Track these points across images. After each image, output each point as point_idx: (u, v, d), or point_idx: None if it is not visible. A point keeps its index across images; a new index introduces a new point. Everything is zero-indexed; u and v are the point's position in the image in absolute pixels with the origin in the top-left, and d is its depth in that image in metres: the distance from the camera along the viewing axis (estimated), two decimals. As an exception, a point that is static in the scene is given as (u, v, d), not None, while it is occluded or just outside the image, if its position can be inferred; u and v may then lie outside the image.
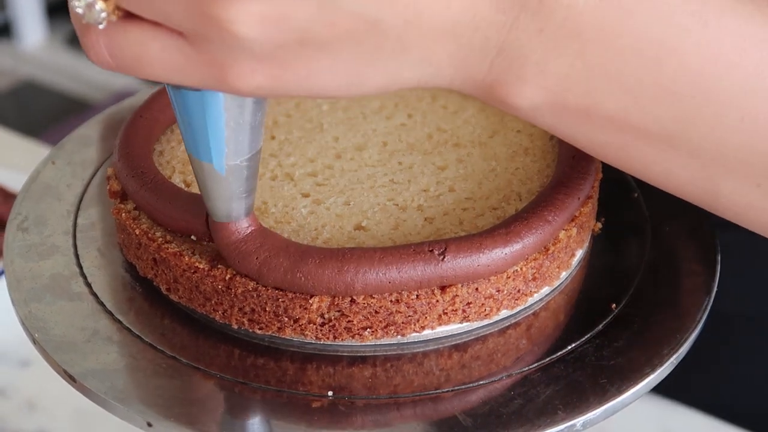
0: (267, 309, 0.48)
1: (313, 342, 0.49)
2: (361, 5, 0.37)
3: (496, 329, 0.51)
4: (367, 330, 0.48)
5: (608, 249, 0.56)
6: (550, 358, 0.49)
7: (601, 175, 0.55)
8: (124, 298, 0.52)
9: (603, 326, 0.51)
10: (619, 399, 0.47)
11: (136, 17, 0.38)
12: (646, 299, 0.53)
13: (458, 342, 0.50)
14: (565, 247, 0.52)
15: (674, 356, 0.49)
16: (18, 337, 0.53)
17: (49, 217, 0.57)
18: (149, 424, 0.45)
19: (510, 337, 0.50)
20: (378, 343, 0.49)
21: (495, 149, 0.58)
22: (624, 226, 0.58)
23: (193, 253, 0.49)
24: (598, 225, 0.57)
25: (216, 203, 0.46)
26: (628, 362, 0.48)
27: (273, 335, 0.49)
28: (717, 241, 0.56)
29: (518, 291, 0.50)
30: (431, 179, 0.55)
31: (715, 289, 0.53)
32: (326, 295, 0.47)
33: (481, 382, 0.48)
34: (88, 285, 0.53)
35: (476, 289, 0.49)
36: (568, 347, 0.50)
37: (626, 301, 0.52)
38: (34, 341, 0.49)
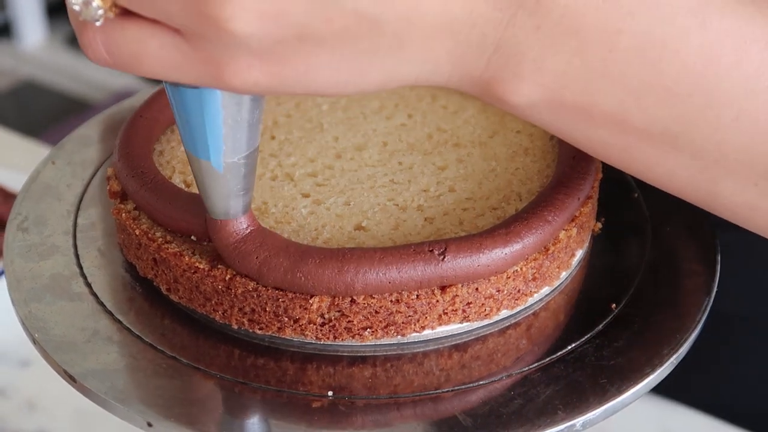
0: (267, 309, 0.48)
1: (313, 342, 0.49)
2: (358, 2, 0.37)
3: (496, 329, 0.51)
4: (367, 330, 0.48)
5: (608, 249, 0.56)
6: (550, 358, 0.49)
7: (601, 175, 0.55)
8: (124, 298, 0.52)
9: (603, 326, 0.51)
10: (619, 399, 0.47)
11: (133, 14, 0.38)
12: (646, 299, 0.53)
13: (458, 342, 0.50)
14: (565, 247, 0.52)
15: (674, 356, 0.49)
16: (18, 337, 0.53)
17: (49, 217, 0.57)
18: (149, 424, 0.45)
19: (510, 337, 0.50)
20: (378, 343, 0.49)
21: (495, 149, 0.58)
22: (624, 226, 0.58)
23: (193, 253, 0.49)
24: (598, 225, 0.57)
25: (214, 201, 0.46)
26: (628, 362, 0.48)
27: (273, 335, 0.49)
28: (717, 241, 0.56)
29: (518, 291, 0.50)
30: (431, 179, 0.55)
31: (715, 289, 0.53)
32: (326, 295, 0.47)
33: (481, 382, 0.48)
34: (88, 285, 0.53)
35: (476, 289, 0.49)
36: (568, 347, 0.50)
37: (626, 301, 0.52)
38: (34, 341, 0.49)
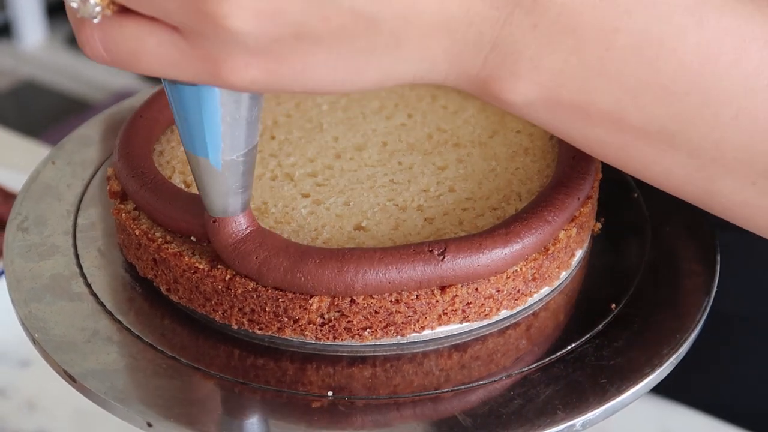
0: (267, 309, 0.48)
1: (313, 342, 0.49)
2: (355, 1, 0.37)
3: (496, 329, 0.51)
4: (367, 330, 0.48)
5: (608, 249, 0.56)
6: (550, 359, 0.49)
7: (600, 175, 0.55)
8: (124, 298, 0.52)
9: (603, 326, 0.51)
10: (618, 399, 0.47)
11: (131, 12, 0.38)
12: (645, 299, 0.53)
13: (458, 342, 0.50)
14: (565, 248, 0.52)
15: (674, 356, 0.49)
16: (18, 337, 0.53)
17: (49, 217, 0.57)
18: (149, 425, 0.45)
19: (510, 338, 0.50)
20: (378, 344, 0.49)
21: (495, 149, 0.58)
22: (624, 226, 0.58)
23: (193, 253, 0.49)
24: (598, 225, 0.57)
25: (212, 198, 0.46)
26: (627, 362, 0.48)
27: (273, 335, 0.49)
28: (717, 241, 0.56)
29: (518, 291, 0.50)
30: (431, 179, 0.55)
31: (715, 289, 0.53)
32: (326, 295, 0.47)
33: (480, 383, 0.48)
34: (88, 285, 0.53)
35: (476, 289, 0.49)
36: (568, 347, 0.50)
37: (626, 301, 0.52)
38: (34, 341, 0.49)
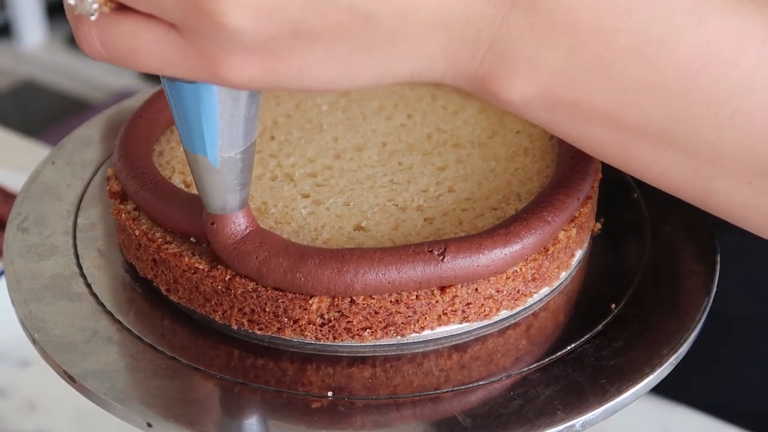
0: (266, 309, 0.48)
1: (313, 342, 0.49)
2: None
3: (496, 330, 0.51)
4: (367, 330, 0.48)
5: (608, 249, 0.56)
6: (550, 359, 0.49)
7: (600, 175, 0.55)
8: (124, 298, 0.52)
9: (602, 326, 0.51)
10: (618, 399, 0.47)
11: (128, 9, 0.38)
12: (645, 299, 0.53)
13: (458, 342, 0.50)
14: (565, 248, 0.52)
15: (674, 356, 0.49)
16: (18, 337, 0.53)
17: (49, 217, 0.57)
18: (149, 425, 0.45)
19: (509, 338, 0.50)
20: (377, 344, 0.49)
21: (495, 150, 0.58)
22: (623, 226, 0.58)
23: (192, 253, 0.49)
24: (598, 225, 0.57)
25: (211, 196, 0.46)
26: (627, 362, 0.48)
27: (273, 336, 0.49)
28: (716, 241, 0.56)
29: (518, 291, 0.50)
30: (431, 180, 0.55)
31: (715, 290, 0.53)
32: (326, 295, 0.47)
33: (480, 383, 0.48)
34: (88, 285, 0.53)
35: (476, 289, 0.49)
36: (568, 347, 0.50)
37: (626, 301, 0.52)
38: (34, 341, 0.49)
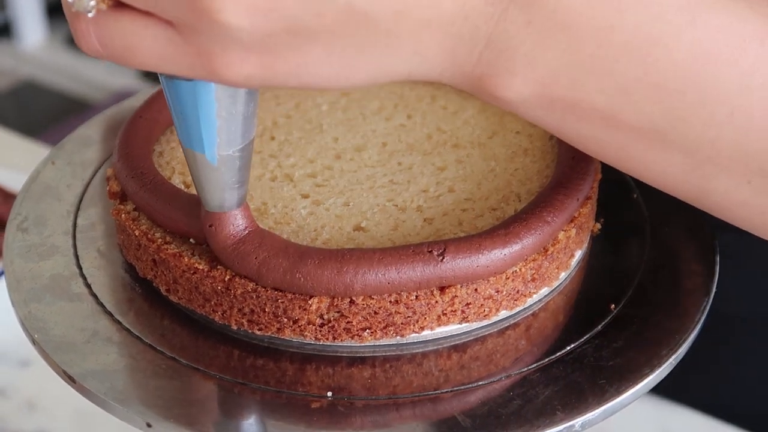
0: (266, 310, 0.48)
1: (313, 343, 0.49)
2: None
3: (495, 330, 0.51)
4: (367, 331, 0.48)
5: (607, 250, 0.56)
6: (549, 359, 0.49)
7: (600, 175, 0.55)
8: (123, 298, 0.52)
9: (602, 327, 0.51)
10: (618, 399, 0.47)
11: (125, 6, 0.38)
12: (645, 300, 0.53)
13: (457, 343, 0.50)
14: (564, 248, 0.52)
15: (673, 357, 0.49)
16: (18, 337, 0.53)
17: (49, 217, 0.57)
18: (149, 425, 0.45)
19: (509, 338, 0.50)
20: (377, 344, 0.49)
21: (494, 150, 0.58)
22: (623, 226, 0.58)
23: (192, 254, 0.49)
24: (597, 226, 0.57)
25: (209, 193, 0.46)
26: (627, 363, 0.48)
27: (272, 336, 0.49)
28: (716, 242, 0.56)
29: (517, 292, 0.50)
30: (431, 180, 0.55)
31: (714, 290, 0.53)
32: (325, 295, 0.47)
33: (480, 383, 0.48)
34: (88, 286, 0.53)
35: (475, 289, 0.49)
36: (567, 348, 0.50)
37: (625, 301, 0.52)
38: (33, 342, 0.49)
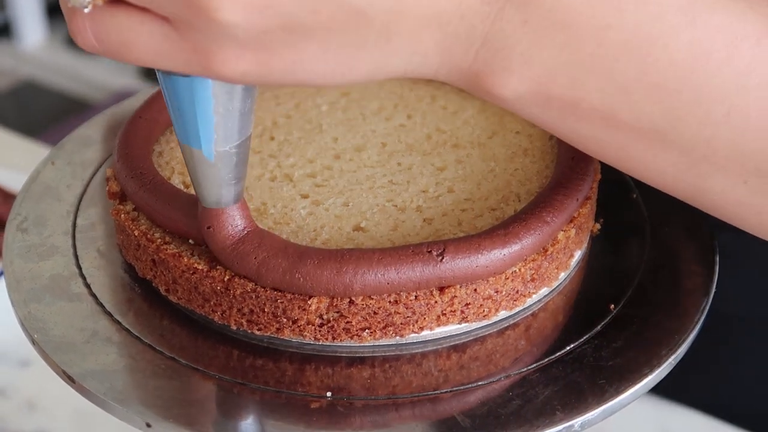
0: (266, 310, 0.48)
1: (312, 343, 0.49)
2: None
3: (495, 330, 0.51)
4: (366, 331, 0.48)
5: (607, 250, 0.56)
6: (549, 359, 0.49)
7: (600, 176, 0.55)
8: (123, 298, 0.52)
9: (601, 327, 0.51)
10: (617, 399, 0.47)
11: (122, 2, 0.38)
12: (644, 300, 0.53)
13: (457, 343, 0.50)
14: (564, 248, 0.52)
15: (673, 357, 0.49)
16: (18, 337, 0.53)
17: (49, 217, 0.57)
18: (148, 425, 0.45)
19: (508, 338, 0.50)
20: (376, 344, 0.49)
21: (494, 150, 0.58)
22: (623, 226, 0.58)
23: (192, 254, 0.49)
24: (597, 226, 0.57)
25: (205, 189, 0.46)
26: (626, 363, 0.48)
27: (272, 336, 0.49)
28: (716, 242, 0.56)
29: (517, 292, 0.50)
30: (430, 180, 0.55)
31: (714, 290, 0.53)
32: (325, 296, 0.47)
33: (479, 383, 0.48)
34: (88, 286, 0.53)
35: (475, 290, 0.49)
36: (567, 348, 0.50)
37: (625, 301, 0.52)
38: (33, 342, 0.49)
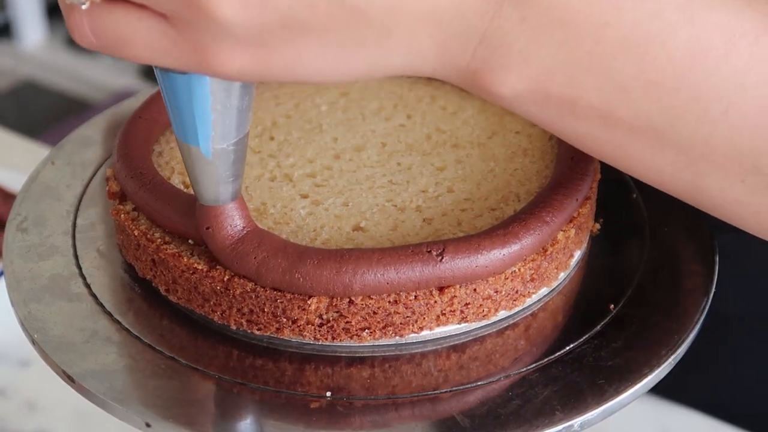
0: (265, 310, 0.48)
1: (312, 343, 0.49)
2: None
3: (495, 330, 0.51)
4: (366, 331, 0.48)
5: (607, 250, 0.56)
6: (548, 359, 0.49)
7: (599, 175, 0.55)
8: (123, 298, 0.52)
9: (601, 327, 0.51)
10: (617, 399, 0.47)
11: None
12: (644, 300, 0.53)
13: (456, 343, 0.50)
14: (564, 248, 0.52)
15: (672, 357, 0.49)
16: (18, 337, 0.53)
17: (49, 217, 0.57)
18: (148, 425, 0.45)
19: (508, 338, 0.50)
20: (376, 344, 0.49)
21: (494, 150, 0.58)
22: (622, 226, 0.58)
23: (191, 254, 0.49)
24: (597, 226, 0.57)
25: (203, 187, 0.46)
26: (626, 363, 0.48)
27: (271, 336, 0.49)
28: (715, 242, 0.56)
29: (516, 292, 0.50)
30: (430, 180, 0.55)
31: (714, 290, 0.53)
32: (324, 295, 0.47)
33: (479, 383, 0.48)
34: (88, 286, 0.53)
35: (474, 289, 0.49)
36: (566, 348, 0.50)
37: (624, 301, 0.52)
38: (33, 342, 0.49)
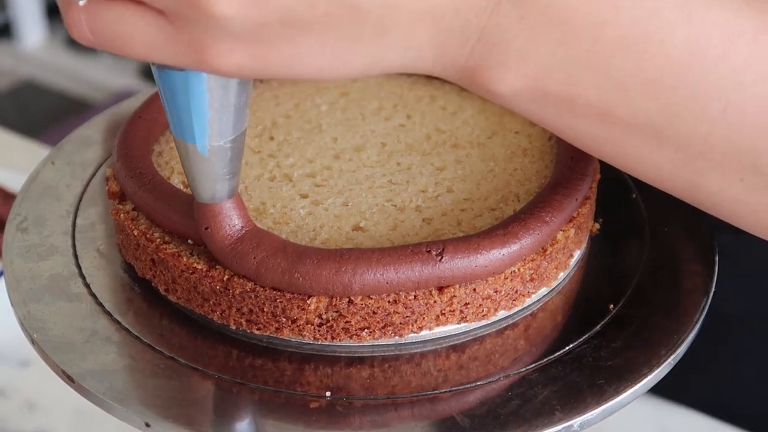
0: (265, 309, 0.48)
1: (311, 342, 0.49)
2: None
3: (494, 330, 0.51)
4: (365, 330, 0.48)
5: (606, 250, 0.56)
6: (548, 359, 0.49)
7: (599, 175, 0.55)
8: (122, 298, 0.52)
9: (601, 327, 0.51)
10: (616, 399, 0.47)
11: None
12: (644, 300, 0.53)
13: (456, 343, 0.50)
14: (563, 248, 0.52)
15: (672, 357, 0.49)
16: (18, 337, 0.53)
17: (49, 217, 0.57)
18: (147, 425, 0.45)
19: (508, 338, 0.50)
20: (376, 344, 0.49)
21: (493, 150, 0.58)
22: (622, 226, 0.58)
23: (191, 253, 0.49)
24: (596, 226, 0.57)
25: (200, 184, 0.46)
26: (625, 363, 0.48)
27: (271, 336, 0.49)
28: (715, 242, 0.56)
29: (516, 292, 0.50)
30: (429, 180, 0.55)
31: (713, 290, 0.53)
32: (324, 295, 0.47)
33: (478, 383, 0.48)
34: (87, 285, 0.53)
35: (474, 289, 0.49)
36: (566, 348, 0.50)
37: (624, 301, 0.52)
38: (33, 342, 0.49)
